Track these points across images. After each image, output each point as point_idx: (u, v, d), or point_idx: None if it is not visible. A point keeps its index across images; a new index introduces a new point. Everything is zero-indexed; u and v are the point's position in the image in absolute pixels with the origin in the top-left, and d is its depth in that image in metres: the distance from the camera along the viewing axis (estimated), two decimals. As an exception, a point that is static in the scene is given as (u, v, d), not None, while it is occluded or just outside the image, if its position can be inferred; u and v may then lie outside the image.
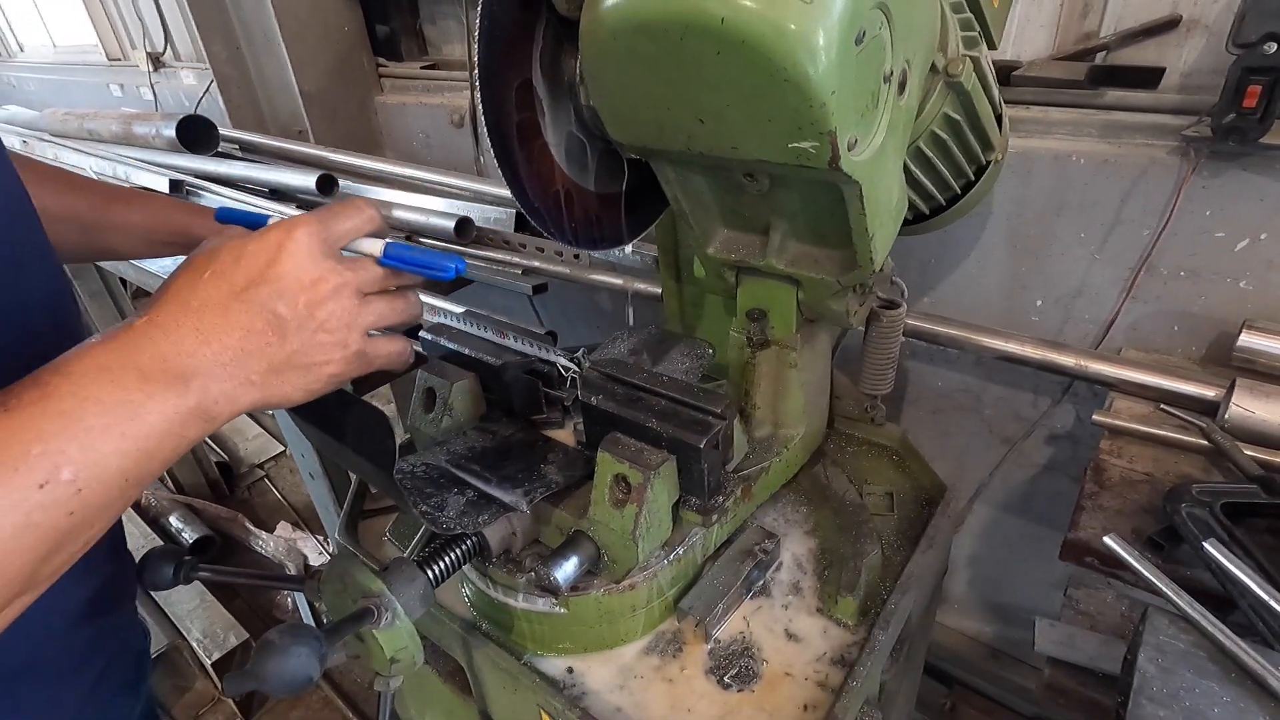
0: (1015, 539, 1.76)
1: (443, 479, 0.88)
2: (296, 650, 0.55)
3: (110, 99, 3.65)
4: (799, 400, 1.06)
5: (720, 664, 0.90)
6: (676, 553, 0.90)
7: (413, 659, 0.73)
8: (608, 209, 0.98)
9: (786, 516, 1.11)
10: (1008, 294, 1.47)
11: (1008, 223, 1.41)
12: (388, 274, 0.66)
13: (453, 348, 1.07)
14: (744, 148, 0.73)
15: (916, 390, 1.72)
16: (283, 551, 3.00)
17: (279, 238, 0.61)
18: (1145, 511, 0.97)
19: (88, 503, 0.51)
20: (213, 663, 2.46)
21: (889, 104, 0.74)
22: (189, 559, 0.80)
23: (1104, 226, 1.31)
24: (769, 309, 1.02)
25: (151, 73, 3.25)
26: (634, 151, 0.87)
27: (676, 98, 0.71)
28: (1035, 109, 1.32)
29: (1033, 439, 1.59)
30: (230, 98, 2.60)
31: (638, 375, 0.92)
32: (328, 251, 0.63)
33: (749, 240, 0.98)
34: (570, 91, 0.87)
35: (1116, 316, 1.35)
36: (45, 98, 4.11)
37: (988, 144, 1.05)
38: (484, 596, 0.93)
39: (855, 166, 0.71)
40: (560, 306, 2.34)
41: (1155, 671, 0.64)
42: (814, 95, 0.63)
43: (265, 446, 3.71)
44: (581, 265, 1.67)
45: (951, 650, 1.96)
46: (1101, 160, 1.27)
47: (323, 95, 2.45)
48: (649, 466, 0.80)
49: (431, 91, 2.41)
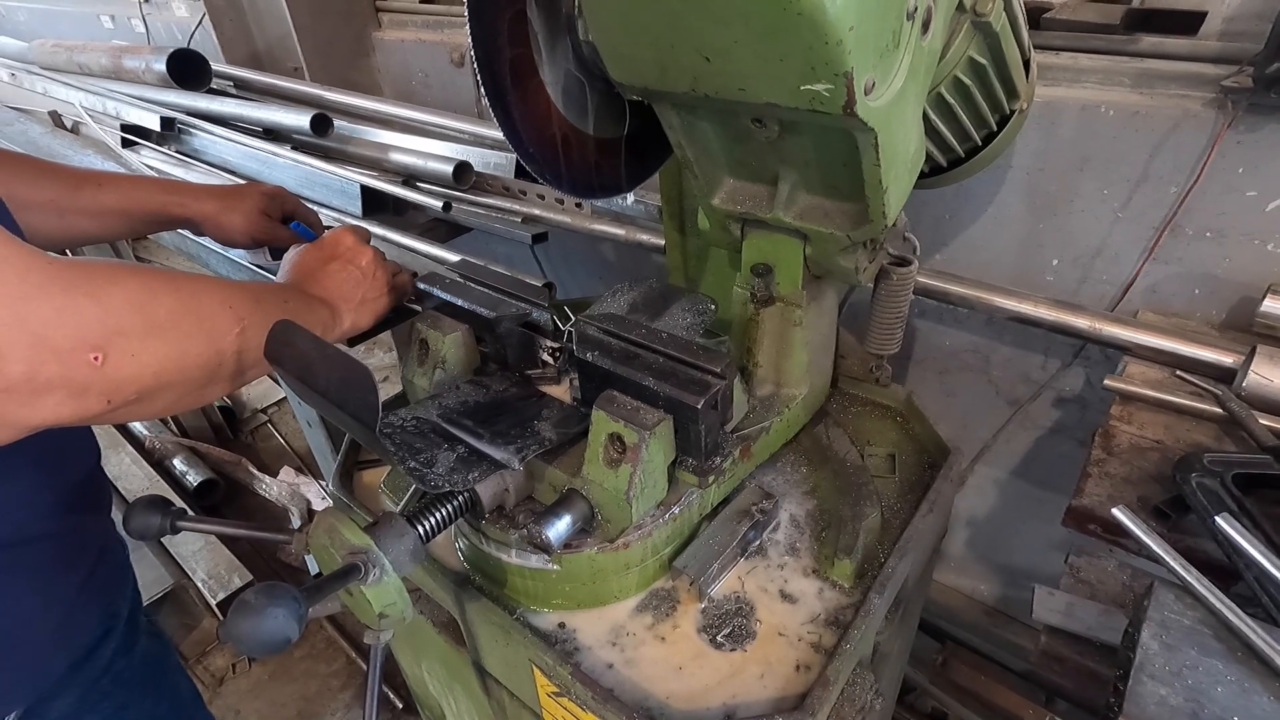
0: (1017, 501, 1.75)
1: (433, 434, 0.86)
2: (273, 612, 0.53)
3: (101, 30, 3.53)
4: (803, 359, 1.03)
5: (713, 623, 0.89)
6: (672, 512, 0.89)
7: (401, 614, 0.72)
8: (607, 155, 0.93)
9: (786, 476, 1.09)
10: (1023, 253, 1.42)
11: (1027, 177, 1.35)
12: None
13: (447, 298, 1.03)
14: (752, 90, 0.68)
15: (924, 350, 1.68)
16: (286, 496, 3.03)
17: (341, 235, 1.02)
18: (1153, 480, 0.95)
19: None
20: (218, 602, 2.52)
21: (911, 44, 0.69)
22: (174, 509, 0.79)
23: (1129, 183, 1.25)
24: (775, 264, 0.98)
25: (143, 3, 3.12)
26: (636, 93, 0.81)
27: (680, 33, 0.66)
28: (1065, 55, 1.25)
29: (1040, 402, 1.56)
30: (223, 31, 2.50)
31: (635, 331, 0.88)
32: (364, 241, 1.04)
33: (756, 191, 0.94)
34: (568, 25, 0.82)
35: (1136, 278, 1.30)
36: (34, 28, 3.98)
37: (1013, 92, 0.99)
38: (477, 550, 0.93)
39: (872, 112, 0.66)
40: (563, 256, 2.29)
41: (1158, 648, 0.62)
42: (830, 31, 0.57)
43: (268, 392, 3.71)
44: (583, 214, 1.62)
45: (946, 607, 1.98)
46: (1132, 112, 1.20)
47: (317, 29, 2.35)
48: (644, 426, 0.78)
49: (431, 27, 2.31)
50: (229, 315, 0.75)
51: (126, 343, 0.64)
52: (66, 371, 0.59)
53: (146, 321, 0.66)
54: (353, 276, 0.98)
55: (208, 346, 0.72)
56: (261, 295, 0.82)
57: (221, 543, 2.75)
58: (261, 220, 1.16)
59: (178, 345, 0.69)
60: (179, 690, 1.18)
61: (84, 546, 0.94)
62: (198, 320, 0.72)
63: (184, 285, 0.72)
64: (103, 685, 0.97)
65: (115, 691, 0.99)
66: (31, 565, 0.85)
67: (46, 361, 0.58)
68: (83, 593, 0.93)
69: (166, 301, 0.69)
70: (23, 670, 0.86)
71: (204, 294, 0.74)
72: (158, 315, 0.67)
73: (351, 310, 0.97)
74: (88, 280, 0.62)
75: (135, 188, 1.09)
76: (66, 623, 0.91)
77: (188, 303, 0.71)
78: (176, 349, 0.69)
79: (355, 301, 0.98)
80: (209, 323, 0.73)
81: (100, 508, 1.01)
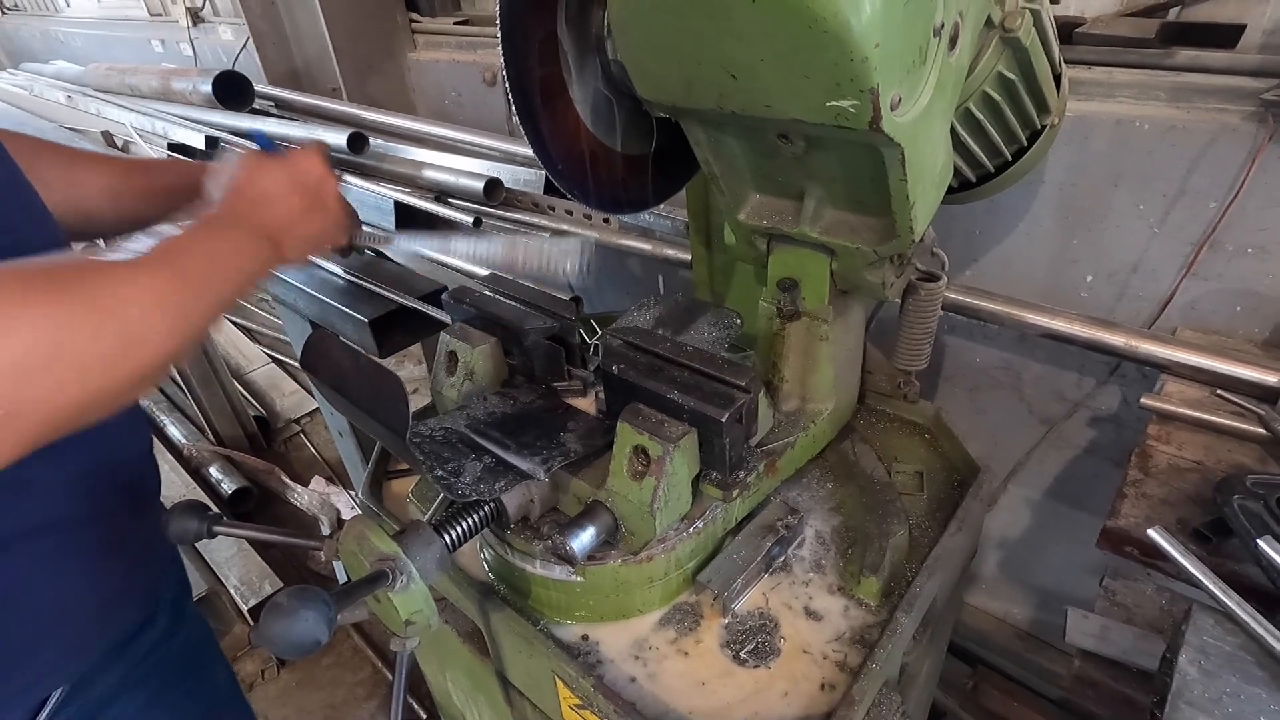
0: (1050, 522, 1.71)
1: (461, 444, 0.87)
2: (304, 614, 0.55)
3: (152, 54, 3.68)
4: (828, 374, 1.03)
5: (737, 639, 0.88)
6: (696, 526, 0.89)
7: (427, 622, 0.73)
8: (634, 171, 0.94)
9: (812, 492, 1.09)
10: (1056, 268, 1.40)
11: (1059, 193, 1.33)
12: None
13: (476, 311, 1.05)
14: (778, 106, 0.68)
15: (953, 366, 1.66)
16: (316, 505, 3.08)
17: (310, 162, 0.96)
18: (1192, 501, 0.92)
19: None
20: (249, 608, 2.56)
21: (938, 60, 0.69)
22: (211, 514, 0.81)
23: (1166, 198, 1.23)
24: (801, 279, 0.98)
25: (190, 28, 3.25)
26: (663, 110, 0.83)
27: (706, 51, 0.67)
28: (1098, 69, 1.24)
29: (1074, 420, 1.52)
30: (265, 53, 2.59)
31: (661, 345, 0.89)
32: (330, 167, 0.99)
33: (782, 206, 0.94)
34: (597, 45, 0.83)
35: (1174, 295, 1.27)
36: (90, 53, 4.17)
37: (1044, 107, 0.98)
38: (501, 561, 0.93)
39: (898, 128, 0.66)
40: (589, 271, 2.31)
41: (1197, 674, 0.60)
42: (855, 48, 0.58)
43: (301, 403, 3.79)
44: (610, 229, 1.64)
45: (977, 630, 1.93)
46: (1168, 126, 1.18)
47: (355, 51, 2.43)
48: (669, 439, 0.78)
49: (464, 48, 2.36)
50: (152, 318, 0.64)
51: None
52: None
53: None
54: (313, 215, 0.93)
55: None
56: (180, 259, 0.70)
57: (254, 550, 2.80)
58: None
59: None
60: (218, 679, 1.21)
61: (132, 532, 0.96)
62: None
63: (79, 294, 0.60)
64: (144, 668, 1.00)
65: (155, 675, 1.02)
66: (79, 548, 0.88)
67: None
68: (129, 577, 0.96)
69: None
70: (67, 650, 0.89)
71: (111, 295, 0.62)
72: None
73: (297, 245, 0.91)
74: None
75: (174, 167, 1.16)
76: (111, 606, 0.94)
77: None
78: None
79: (303, 238, 0.92)
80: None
81: (149, 495, 1.02)
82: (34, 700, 0.86)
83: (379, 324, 1.33)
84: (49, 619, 0.85)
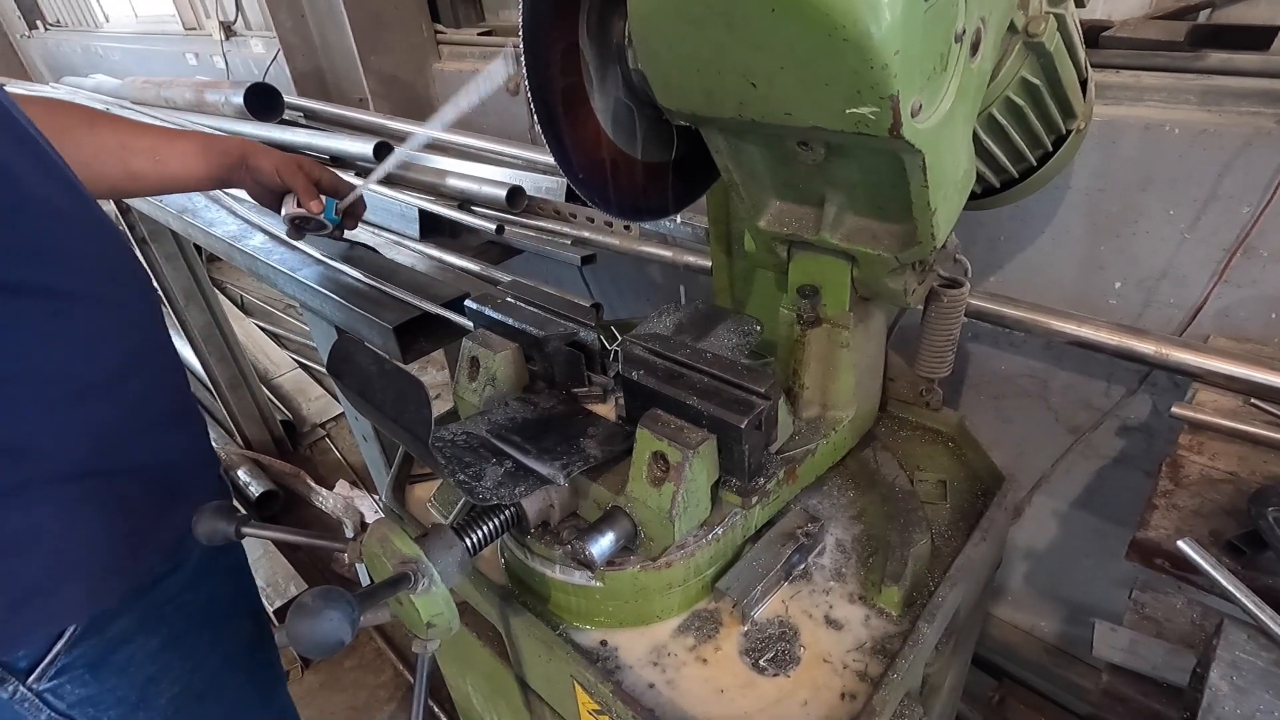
0: (1078, 534, 1.67)
1: (482, 448, 0.88)
2: (328, 614, 0.56)
3: (186, 67, 3.78)
4: (849, 381, 1.02)
5: (756, 646, 0.88)
6: (715, 533, 0.89)
7: (448, 625, 0.74)
8: (655, 179, 0.95)
9: (832, 500, 1.08)
10: (1084, 275, 1.38)
11: (1087, 198, 1.31)
12: None
13: (497, 317, 1.06)
14: (798, 114, 0.68)
15: (978, 374, 1.64)
16: (341, 508, 3.13)
17: None
18: (1226, 513, 0.90)
19: None
20: (275, 609, 2.60)
21: (959, 66, 0.68)
22: (240, 515, 0.83)
23: (1197, 203, 1.20)
24: (821, 285, 0.98)
25: (223, 41, 3.34)
26: (683, 119, 0.83)
27: (726, 60, 0.67)
28: (1126, 73, 1.22)
29: (1102, 430, 1.49)
30: (295, 65, 2.65)
31: (680, 351, 0.89)
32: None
33: (802, 213, 0.94)
34: (618, 55, 0.84)
35: (1205, 301, 1.25)
36: (128, 66, 4.29)
37: (1069, 111, 0.97)
38: (522, 565, 0.94)
39: (918, 134, 0.66)
40: (611, 278, 2.32)
41: (1228, 690, 0.59)
42: (875, 56, 0.58)
43: (326, 408, 3.85)
44: (631, 237, 1.64)
45: (1003, 643, 1.89)
46: (1199, 130, 1.16)
47: (382, 63, 2.47)
48: (688, 445, 0.78)
49: (488, 59, 2.39)
50: None
51: None
52: None
53: None
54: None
55: None
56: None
57: (280, 552, 2.85)
58: (286, 163, 1.37)
59: None
60: (243, 634, 1.22)
61: (166, 485, 1.00)
62: None
63: None
64: (164, 612, 1.04)
65: (175, 619, 1.05)
66: (107, 496, 0.92)
67: None
68: (155, 527, 0.99)
69: None
70: (81, 593, 0.93)
71: None
72: None
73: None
74: None
75: (205, 137, 1.34)
76: (132, 555, 0.97)
77: None
78: None
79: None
80: None
81: (190, 439, 1.09)
82: (52, 631, 0.92)
83: (403, 330, 1.35)
84: (71, 559, 0.90)
